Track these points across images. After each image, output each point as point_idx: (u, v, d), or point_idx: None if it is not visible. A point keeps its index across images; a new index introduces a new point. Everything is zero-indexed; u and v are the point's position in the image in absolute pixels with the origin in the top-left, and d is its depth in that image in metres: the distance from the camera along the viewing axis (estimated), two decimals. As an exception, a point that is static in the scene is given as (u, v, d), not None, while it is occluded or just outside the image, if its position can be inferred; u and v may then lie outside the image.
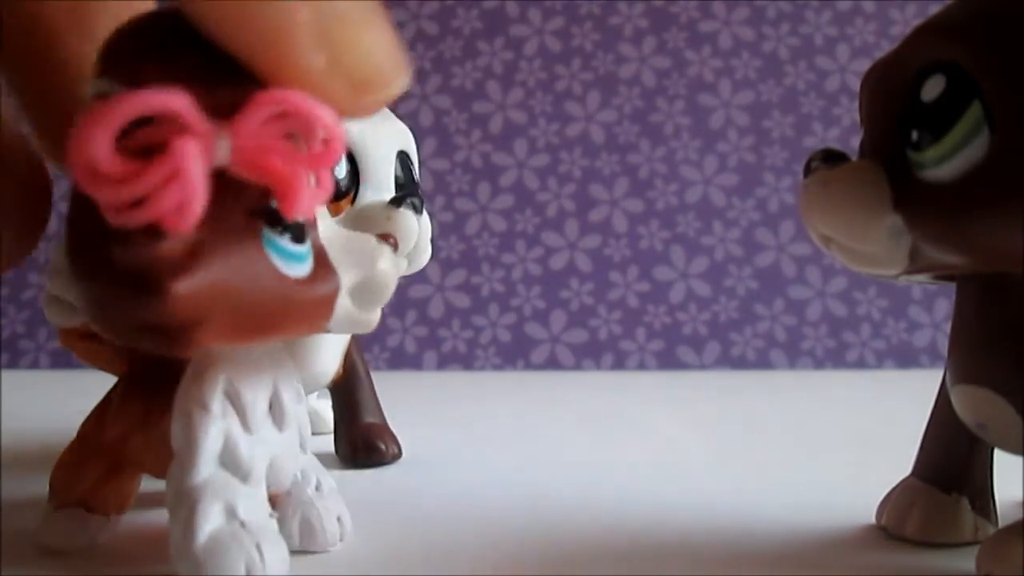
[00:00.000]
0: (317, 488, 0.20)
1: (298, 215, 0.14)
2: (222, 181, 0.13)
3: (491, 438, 0.33)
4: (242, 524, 0.16)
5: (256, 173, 0.13)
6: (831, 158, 0.19)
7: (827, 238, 0.19)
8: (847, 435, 0.34)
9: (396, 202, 0.26)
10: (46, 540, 0.19)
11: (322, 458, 0.24)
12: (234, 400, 0.17)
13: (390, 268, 0.17)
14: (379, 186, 0.27)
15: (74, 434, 0.20)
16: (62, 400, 0.42)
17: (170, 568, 0.16)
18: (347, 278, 0.16)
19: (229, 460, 0.17)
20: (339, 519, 0.20)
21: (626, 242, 0.59)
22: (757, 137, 0.60)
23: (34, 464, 0.27)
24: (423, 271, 0.28)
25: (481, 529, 0.22)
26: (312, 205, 0.14)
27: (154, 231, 0.13)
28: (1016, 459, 0.18)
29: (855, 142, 0.20)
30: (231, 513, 0.16)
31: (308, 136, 0.13)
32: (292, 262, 0.15)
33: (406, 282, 0.57)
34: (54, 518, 0.20)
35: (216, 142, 0.13)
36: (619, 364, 0.58)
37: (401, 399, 0.32)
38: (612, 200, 0.59)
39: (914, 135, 0.17)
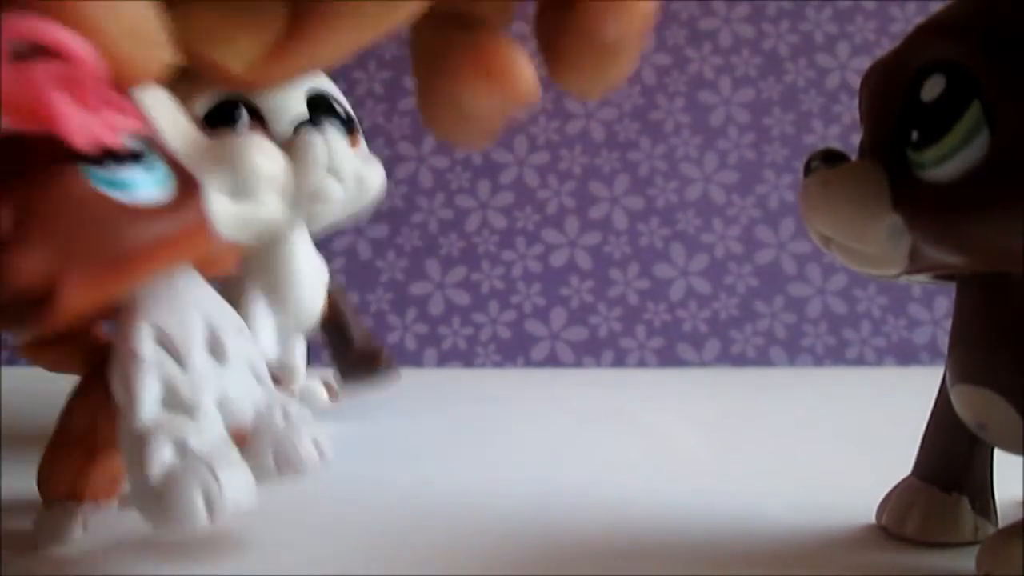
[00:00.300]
0: (285, 417, 0.19)
1: (81, 142, 0.13)
2: (20, 141, 0.13)
3: (491, 435, 0.33)
4: (195, 454, 0.16)
5: (21, 118, 0.13)
6: (831, 158, 0.19)
7: (827, 238, 0.19)
8: (847, 433, 0.34)
9: (298, 129, 0.27)
10: (40, 539, 0.19)
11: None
12: (166, 343, 0.17)
13: (251, 150, 0.17)
14: (285, 133, 0.28)
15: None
16: (62, 399, 0.41)
17: (173, 567, 0.16)
18: (218, 181, 0.16)
19: (172, 400, 0.17)
20: (315, 441, 0.19)
21: (626, 239, 0.59)
22: (757, 134, 0.60)
23: (34, 463, 0.27)
24: (423, 269, 0.28)
25: (481, 526, 0.22)
26: (96, 127, 0.13)
27: None
28: (1016, 459, 0.18)
29: (855, 140, 0.20)
30: (182, 448, 0.16)
31: (52, 57, 0.12)
32: (135, 189, 0.15)
33: (406, 279, 0.57)
34: (45, 515, 0.20)
35: None
36: (619, 361, 0.58)
37: (401, 397, 0.32)
38: (612, 197, 0.59)
39: (914, 135, 0.17)
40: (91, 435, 0.19)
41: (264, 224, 0.17)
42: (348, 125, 0.29)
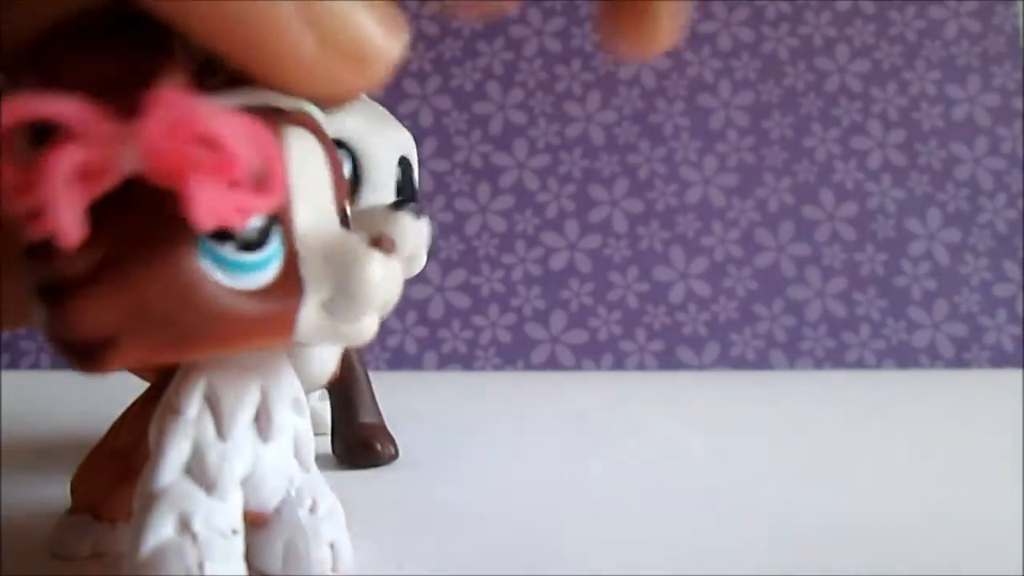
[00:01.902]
0: (312, 510, 0.18)
1: (204, 225, 0.12)
2: (144, 188, 0.12)
3: (491, 438, 0.33)
4: (194, 537, 0.15)
5: (163, 180, 0.12)
6: None
7: None
8: (846, 435, 0.34)
9: (396, 206, 0.26)
10: (52, 545, 0.19)
11: (319, 459, 0.24)
12: (213, 404, 0.16)
13: (375, 275, 0.15)
14: (379, 189, 0.27)
15: (74, 435, 0.20)
16: (62, 400, 0.42)
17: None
18: (323, 286, 0.15)
19: (196, 468, 0.16)
20: (332, 546, 0.18)
21: (626, 242, 0.59)
22: (757, 138, 0.60)
23: (34, 465, 0.27)
24: (423, 272, 0.28)
25: (481, 529, 0.22)
26: (225, 214, 0.12)
27: (56, 245, 0.12)
28: (1016, 460, 0.18)
29: (855, 143, 0.20)
30: (185, 525, 0.15)
31: (205, 142, 0.12)
32: (238, 272, 0.14)
33: (405, 282, 0.57)
34: (64, 523, 0.19)
35: (123, 147, 0.12)
36: (619, 364, 0.58)
37: (401, 399, 0.32)
38: (612, 200, 0.59)
39: None
40: (131, 455, 0.18)
41: (345, 338, 0.16)
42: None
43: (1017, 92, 0.60)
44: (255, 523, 0.18)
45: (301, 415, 0.18)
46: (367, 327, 0.16)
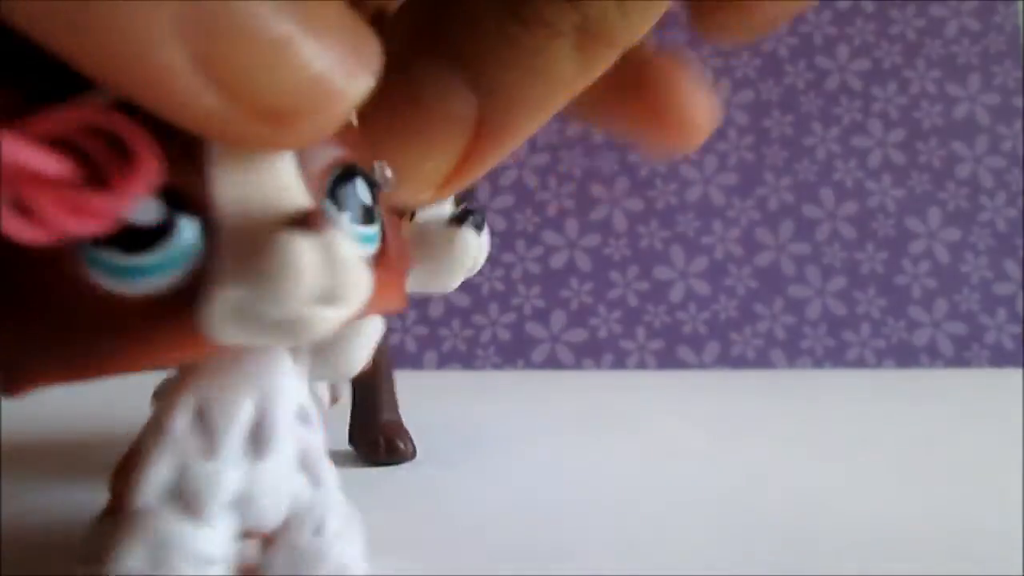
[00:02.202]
0: (317, 531, 0.17)
1: (25, 239, 0.11)
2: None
3: (491, 437, 0.33)
4: (170, 570, 0.14)
5: None
6: None
7: None
8: (846, 434, 0.34)
9: (458, 220, 0.26)
10: (83, 551, 0.19)
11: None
12: (203, 419, 0.15)
13: (290, 260, 0.12)
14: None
15: (75, 435, 0.20)
16: (62, 400, 0.42)
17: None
18: (234, 282, 0.12)
19: (179, 492, 0.15)
20: (342, 567, 0.17)
21: (626, 241, 0.59)
22: (757, 136, 0.60)
23: (34, 465, 0.27)
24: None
25: (478, 527, 0.22)
26: (58, 223, 0.11)
27: None
28: (1015, 462, 0.18)
29: (855, 141, 0.20)
30: (156, 557, 0.14)
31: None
32: (132, 278, 0.12)
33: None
34: (96, 524, 0.19)
35: None
36: (619, 363, 0.58)
37: (401, 398, 0.32)
38: (612, 199, 0.59)
39: None
40: None
41: (293, 339, 0.13)
42: None
43: (1017, 91, 0.60)
44: (262, 540, 0.17)
45: (307, 425, 0.17)
46: (310, 321, 0.13)
